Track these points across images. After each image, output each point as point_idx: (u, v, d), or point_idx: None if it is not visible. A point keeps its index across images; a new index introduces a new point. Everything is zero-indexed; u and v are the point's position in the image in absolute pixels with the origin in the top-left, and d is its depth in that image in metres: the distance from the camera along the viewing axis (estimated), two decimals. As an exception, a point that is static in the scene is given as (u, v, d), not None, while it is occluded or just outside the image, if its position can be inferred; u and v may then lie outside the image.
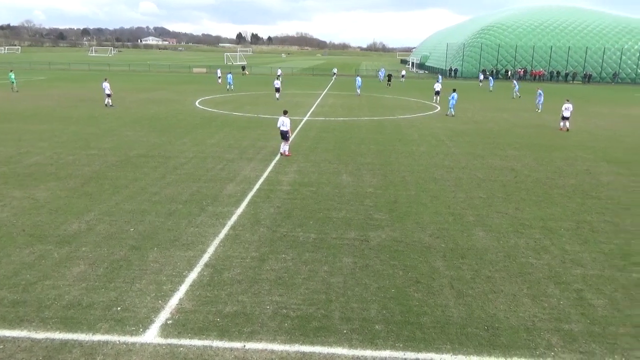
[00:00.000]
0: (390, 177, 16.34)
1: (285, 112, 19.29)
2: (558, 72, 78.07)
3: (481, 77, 65.75)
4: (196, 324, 7.49)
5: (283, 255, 10.00)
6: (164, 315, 7.70)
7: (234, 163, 17.66)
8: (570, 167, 18.43)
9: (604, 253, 10.60)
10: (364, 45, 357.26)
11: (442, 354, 6.97)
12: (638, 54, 79.16)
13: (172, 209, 12.63)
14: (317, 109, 33.94)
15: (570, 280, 9.31)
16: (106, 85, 32.71)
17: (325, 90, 49.68)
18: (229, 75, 47.63)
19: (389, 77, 60.64)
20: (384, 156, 19.45)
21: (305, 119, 29.09)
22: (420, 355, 6.94)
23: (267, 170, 16.80)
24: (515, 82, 49.63)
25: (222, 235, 10.99)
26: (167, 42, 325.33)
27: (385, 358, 6.85)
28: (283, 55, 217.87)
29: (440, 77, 58.38)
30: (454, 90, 32.56)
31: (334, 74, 73.69)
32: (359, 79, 46.26)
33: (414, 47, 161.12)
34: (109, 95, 32.67)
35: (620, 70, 78.77)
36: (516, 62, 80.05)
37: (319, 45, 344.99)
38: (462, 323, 7.75)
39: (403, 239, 11.04)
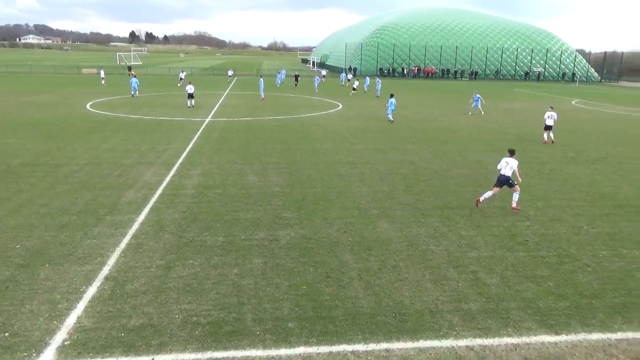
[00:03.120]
0: (297, 175, 16.47)
1: (511, 152, 13.50)
2: (448, 70, 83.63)
3: (344, 76, 63.02)
4: (98, 342, 7.00)
5: (190, 261, 9.67)
6: (60, 337, 7.10)
7: (133, 168, 16.75)
8: (463, 158, 19.79)
9: (495, 235, 11.52)
10: (265, 45, 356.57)
11: (354, 344, 7.16)
12: (516, 53, 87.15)
13: (64, 221, 11.68)
14: (219, 110, 33.27)
15: (467, 263, 10.00)
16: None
17: (227, 91, 48.86)
18: (134, 80, 40.15)
19: (296, 77, 59.00)
20: (289, 155, 19.54)
21: (208, 120, 28.40)
22: (334, 348, 7.07)
23: (170, 174, 16.16)
24: (378, 80, 51.40)
25: (123, 245, 10.38)
26: (50, 41, 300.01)
27: (300, 354, 6.89)
28: (181, 54, 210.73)
29: (343, 74, 58.71)
30: (392, 96, 30.56)
31: (230, 76, 68.75)
32: (262, 80, 42.62)
33: (315, 47, 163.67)
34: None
35: (502, 68, 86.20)
36: (410, 61, 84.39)
37: (219, 44, 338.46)
38: (371, 313, 8.01)
39: (312, 236, 11.17)
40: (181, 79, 57.14)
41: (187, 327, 7.45)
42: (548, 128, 23.52)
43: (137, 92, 40.19)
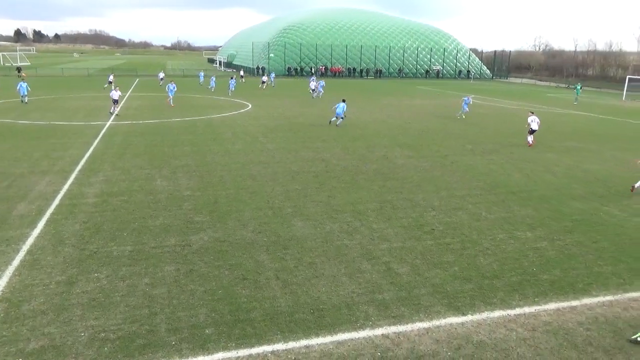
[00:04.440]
0: (208, 177, 16.06)
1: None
2: (354, 69, 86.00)
3: (202, 77, 58.30)
4: (-9, 371, 6.35)
5: (96, 274, 9.07)
6: (-56, 370, 6.35)
7: (25, 178, 15.38)
8: (371, 154, 20.46)
9: (404, 227, 12.04)
10: (168, 44, 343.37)
11: (274, 344, 7.13)
12: (417, 52, 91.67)
13: (-56, 240, 10.45)
14: (121, 112, 31.56)
15: (379, 254, 10.35)
16: None
17: (129, 92, 46.47)
18: (23, 86, 34.81)
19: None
20: (199, 157, 19.01)
21: (109, 123, 26.81)
22: (253, 350, 6.99)
23: (67, 183, 15.04)
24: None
25: (16, 262, 9.49)
26: None
27: (218, 361, 6.73)
28: (75, 54, 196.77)
29: (313, 77, 52.99)
30: (343, 101, 29.02)
31: (162, 78, 56.84)
32: (173, 86, 36.72)
33: (221, 46, 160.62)
34: None
35: (404, 66, 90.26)
36: (317, 60, 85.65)
37: (117, 43, 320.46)
38: (290, 311, 8.03)
39: (226, 239, 10.96)
40: (161, 79, 54.96)
41: (94, 344, 6.98)
42: (532, 132, 23.23)
43: (26, 97, 35.24)
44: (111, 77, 52.59)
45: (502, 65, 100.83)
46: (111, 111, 30.32)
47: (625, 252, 10.83)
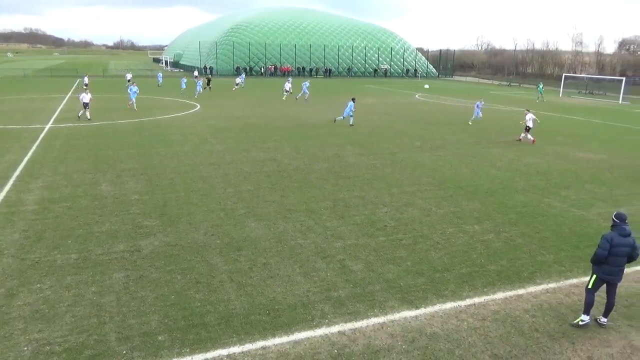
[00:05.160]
0: (156, 180, 15.63)
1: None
2: (304, 68, 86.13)
3: (160, 78, 57.11)
4: None
5: (38, 285, 8.63)
6: None
7: (-43, 186, 14.43)
8: (323, 153, 20.55)
9: (357, 224, 12.16)
10: (110, 43, 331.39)
11: (230, 347, 7.03)
12: (364, 51, 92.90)
13: None
14: (62, 115, 30.20)
15: (334, 252, 10.41)
16: None
17: (70, 93, 44.54)
18: None
19: (209, 80, 50.72)
20: (146, 159, 18.46)
21: (48, 126, 25.58)
22: (208, 354, 6.86)
23: (4, 190, 14.23)
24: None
25: (-51, 276, 8.89)
26: None
27: (173, 368, 6.56)
28: (9, 54, 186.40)
29: (290, 78, 51.00)
30: (353, 100, 29.00)
31: (129, 80, 51.12)
32: (135, 88, 34.06)
33: (166, 45, 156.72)
34: None
35: (353, 65, 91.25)
36: (266, 60, 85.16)
37: (55, 43, 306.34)
38: (245, 313, 7.94)
39: (177, 242, 10.70)
40: (129, 80, 49.88)
41: (39, 358, 6.64)
42: (528, 129, 24.09)
43: None
44: (86, 79, 49.59)
45: (448, 64, 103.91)
46: (79, 115, 28.77)
47: (566, 241, 11.41)
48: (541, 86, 53.12)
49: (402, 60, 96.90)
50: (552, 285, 9.22)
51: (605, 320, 7.94)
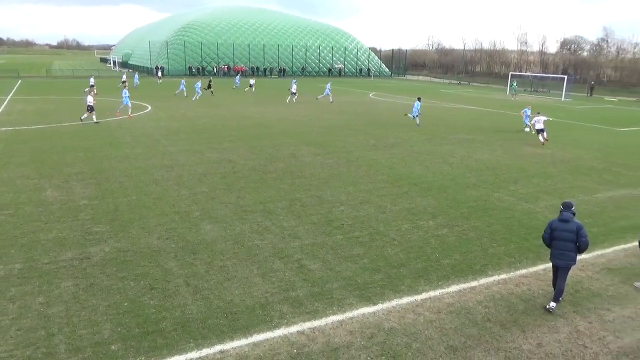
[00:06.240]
0: (106, 184, 15.11)
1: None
2: (258, 68, 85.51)
3: (124, 78, 51.69)
4: None
5: (-21, 298, 8.16)
6: None
7: None
8: (278, 153, 20.46)
9: (314, 223, 12.19)
10: (54, 43, 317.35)
11: (187, 352, 6.89)
12: (318, 51, 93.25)
13: None
14: (2, 118, 28.69)
15: (291, 252, 10.38)
16: None
17: (10, 95, 42.40)
18: None
19: (210, 83, 47.79)
20: (95, 163, 17.81)
21: (-12, 130, 24.24)
22: (165, 362, 6.70)
23: (-60, 198, 13.39)
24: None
25: None
26: None
27: (127, 378, 6.36)
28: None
29: (294, 80, 50.17)
30: (419, 99, 29.13)
31: (123, 81, 47.81)
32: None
33: (114, 45, 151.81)
34: None
35: (307, 65, 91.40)
36: (219, 59, 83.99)
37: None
38: (202, 317, 7.79)
39: (130, 248, 10.38)
40: (92, 86, 44.23)
41: (-19, 376, 6.28)
42: (541, 131, 23.47)
43: None
44: (92, 80, 46.52)
45: (400, 63, 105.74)
46: (82, 118, 27.33)
47: (515, 233, 11.85)
48: (515, 84, 55.33)
49: (355, 59, 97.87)
50: (503, 276, 9.55)
51: (553, 305, 8.31)
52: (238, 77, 61.22)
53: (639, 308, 8.51)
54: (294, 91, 41.27)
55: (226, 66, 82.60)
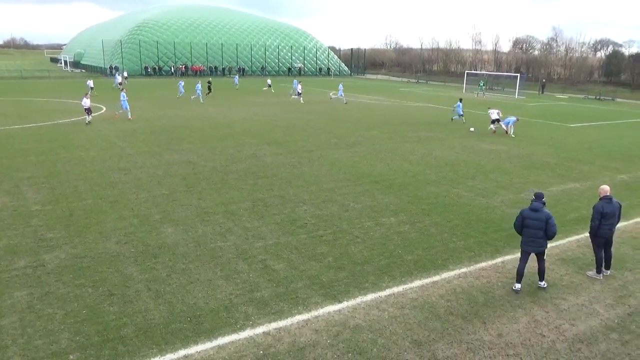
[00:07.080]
0: (60, 189, 14.56)
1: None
2: (216, 67, 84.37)
3: (91, 84, 47.08)
4: None
5: None
6: None
7: None
8: (240, 153, 20.26)
9: (277, 223, 12.13)
10: (0, 42, 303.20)
11: (149, 359, 6.72)
12: (277, 50, 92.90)
13: None
14: (-55, 121, 27.20)
15: (255, 253, 10.30)
16: None
17: (-45, 97, 40.24)
18: None
19: (209, 84, 45.79)
20: (47, 167, 17.14)
21: None
22: (127, 370, 6.51)
23: None
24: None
25: None
26: None
27: (87, 388, 6.15)
28: None
29: (295, 80, 48.50)
30: (460, 100, 31.91)
31: (120, 84, 47.76)
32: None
33: (65, 44, 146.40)
34: None
35: (266, 64, 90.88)
36: (176, 59, 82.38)
37: None
38: (165, 322, 7.63)
39: (87, 254, 10.04)
40: (91, 88, 42.03)
41: None
42: (494, 121, 26.98)
43: None
44: (91, 83, 44.42)
45: (359, 62, 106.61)
46: (88, 121, 27.06)
47: (474, 227, 12.16)
48: (482, 83, 57.17)
49: (315, 59, 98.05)
50: (463, 270, 9.79)
51: (541, 283, 9.11)
52: (237, 77, 61.14)
53: (592, 296, 8.90)
54: (300, 91, 42.83)
55: (184, 66, 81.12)
